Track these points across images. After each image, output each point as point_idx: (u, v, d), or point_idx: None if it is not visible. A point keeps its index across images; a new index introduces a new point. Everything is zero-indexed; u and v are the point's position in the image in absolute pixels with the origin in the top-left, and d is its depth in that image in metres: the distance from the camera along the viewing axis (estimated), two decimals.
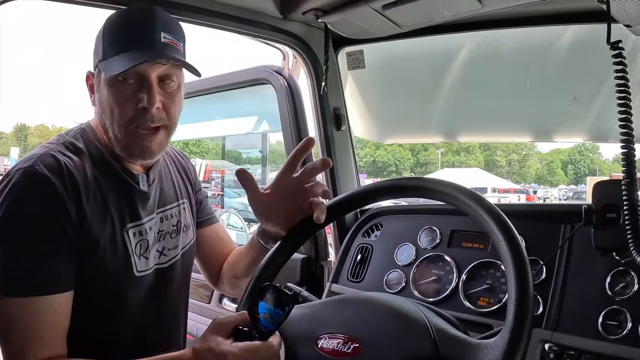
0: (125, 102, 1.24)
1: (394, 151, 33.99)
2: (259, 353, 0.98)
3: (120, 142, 1.27)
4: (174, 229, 1.47)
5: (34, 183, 1.16)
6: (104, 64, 1.23)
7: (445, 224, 1.72)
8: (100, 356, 1.17)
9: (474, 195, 1.04)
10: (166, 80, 1.28)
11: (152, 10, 1.28)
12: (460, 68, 2.05)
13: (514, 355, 0.82)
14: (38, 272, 1.15)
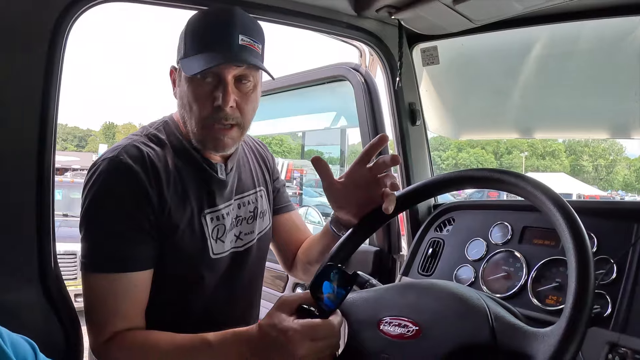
0: (202, 99, 1.32)
1: (476, 154, 33.06)
2: (319, 330, 1.03)
3: (197, 135, 1.35)
4: (251, 215, 1.55)
5: (119, 171, 1.26)
6: (184, 62, 1.31)
7: (517, 220, 1.69)
8: (173, 331, 1.26)
9: (539, 184, 1.04)
10: (242, 81, 1.34)
11: (232, 12, 1.34)
12: (535, 63, 2.01)
13: (569, 344, 0.82)
14: (120, 252, 1.26)
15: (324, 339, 1.04)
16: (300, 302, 1.09)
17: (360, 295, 1.16)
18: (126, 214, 1.26)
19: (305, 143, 9.16)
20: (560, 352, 0.81)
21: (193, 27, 1.35)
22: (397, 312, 1.06)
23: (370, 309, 1.11)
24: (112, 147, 1.34)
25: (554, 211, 0.98)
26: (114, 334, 1.25)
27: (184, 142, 1.40)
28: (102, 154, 1.33)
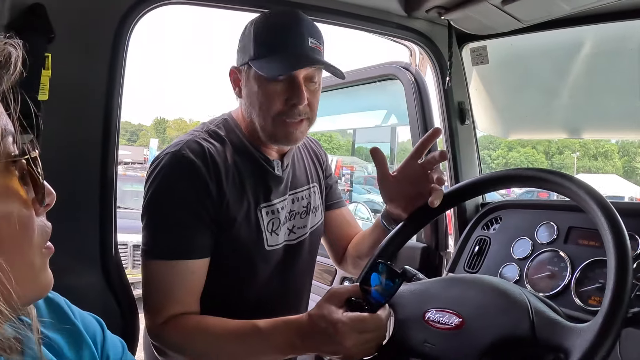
0: (275, 97, 1.38)
1: (527, 154, 32.18)
2: (367, 324, 1.09)
3: (267, 130, 1.42)
4: (304, 209, 1.61)
5: (180, 165, 1.34)
6: (257, 63, 1.37)
7: (563, 220, 1.69)
8: (226, 317, 1.33)
9: (583, 184, 1.07)
10: (311, 80, 1.41)
11: (298, 16, 1.42)
12: (584, 62, 2.01)
13: (604, 339, 0.85)
14: (179, 240, 1.33)
15: (371, 332, 1.10)
16: (349, 295, 1.15)
17: (407, 287, 1.21)
18: (186, 205, 1.33)
19: (355, 140, 9.19)
20: (595, 347, 0.84)
21: (263, 29, 1.41)
22: (442, 305, 1.10)
23: (416, 301, 1.15)
24: (174, 141, 1.42)
25: (596, 210, 1.01)
26: (170, 317, 1.33)
27: (243, 139, 1.47)
28: (165, 149, 1.41)
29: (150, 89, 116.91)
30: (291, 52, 1.37)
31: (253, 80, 1.41)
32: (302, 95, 1.37)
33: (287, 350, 1.21)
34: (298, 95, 1.37)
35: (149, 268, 1.36)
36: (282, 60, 1.36)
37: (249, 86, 1.43)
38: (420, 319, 1.11)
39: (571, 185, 1.09)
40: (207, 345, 1.30)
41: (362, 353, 1.11)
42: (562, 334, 0.93)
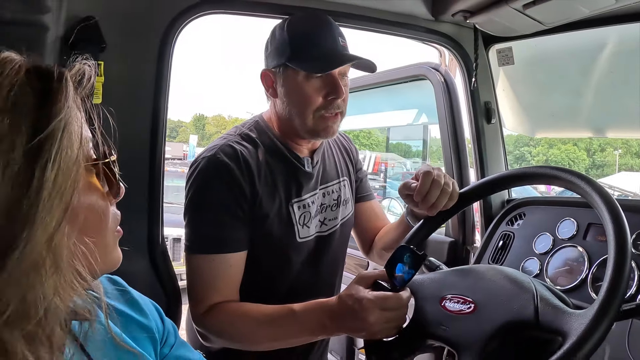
0: (315, 93, 1.49)
1: (567, 151, 31.34)
2: (389, 301, 1.19)
3: (308, 125, 1.52)
4: (335, 202, 1.71)
5: (216, 168, 1.46)
6: (296, 63, 1.48)
7: (583, 217, 1.75)
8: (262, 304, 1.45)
9: (590, 180, 1.16)
10: (344, 76, 1.53)
11: (325, 17, 1.55)
12: (607, 62, 2.06)
13: (598, 324, 0.93)
14: (218, 236, 1.45)
15: (393, 310, 1.20)
16: (376, 278, 1.26)
17: (428, 276, 1.32)
18: (223, 204, 1.45)
19: (389, 137, 9.24)
20: (590, 330, 0.93)
21: (297, 33, 1.52)
22: (458, 291, 1.20)
23: (435, 288, 1.26)
24: (209, 146, 1.54)
25: (600, 204, 1.09)
26: (211, 306, 1.45)
27: (274, 139, 1.58)
28: (201, 153, 1.53)
29: (189, 86, 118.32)
30: (327, 51, 1.49)
31: (291, 80, 1.51)
32: (340, 90, 1.49)
33: (318, 330, 1.32)
34: (336, 90, 1.49)
35: (191, 262, 1.48)
36: (321, 58, 1.47)
37: (286, 86, 1.53)
38: (437, 304, 1.21)
39: (579, 181, 1.18)
40: (246, 329, 1.42)
41: (384, 331, 1.21)
42: (562, 318, 1.01)
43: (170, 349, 0.96)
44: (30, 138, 0.57)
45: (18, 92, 0.59)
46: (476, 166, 2.30)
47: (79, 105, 0.67)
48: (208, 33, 63.98)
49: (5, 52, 0.63)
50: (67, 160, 0.60)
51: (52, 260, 0.59)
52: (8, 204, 0.56)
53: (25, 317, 0.59)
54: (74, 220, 0.63)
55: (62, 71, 0.64)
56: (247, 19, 1.89)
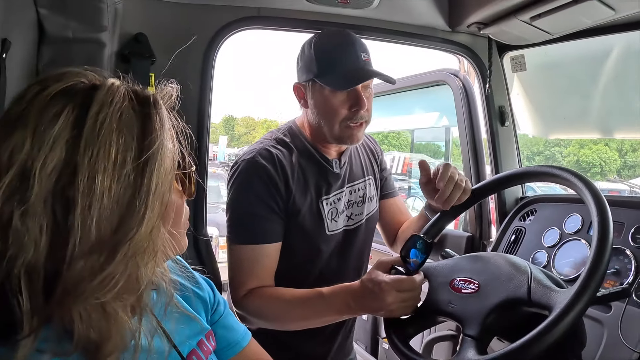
0: (340, 106, 1.66)
1: (599, 151, 30.58)
2: (404, 283, 1.37)
3: (335, 134, 1.69)
4: (360, 199, 1.87)
5: (255, 169, 1.64)
6: (322, 79, 1.65)
7: (588, 213, 1.87)
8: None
9: (579, 175, 1.34)
10: (366, 88, 1.69)
11: (349, 35, 1.71)
12: (613, 67, 2.20)
13: (580, 298, 1.10)
14: (257, 228, 1.63)
15: (407, 291, 1.37)
16: (393, 263, 1.44)
17: (441, 262, 1.51)
18: (261, 200, 1.63)
19: (414, 138, 9.33)
20: (572, 304, 1.10)
21: (322, 51, 1.68)
22: (466, 274, 1.39)
23: (446, 272, 1.44)
24: (248, 149, 1.71)
25: (589, 198, 1.27)
26: (250, 290, 1.62)
27: (306, 142, 1.76)
28: (241, 155, 1.70)
29: (219, 88, 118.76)
30: (350, 68, 1.65)
31: (319, 94, 1.68)
32: (362, 103, 1.65)
33: (344, 310, 1.50)
34: (359, 103, 1.65)
35: (232, 251, 1.66)
36: (344, 75, 1.64)
37: (315, 98, 1.70)
38: (447, 286, 1.39)
39: (572, 178, 1.35)
40: (280, 309, 1.60)
41: (400, 309, 1.39)
42: (550, 296, 1.18)
43: (219, 317, 1.16)
44: (138, 154, 0.76)
45: (126, 117, 0.77)
46: (491, 165, 2.45)
47: (171, 125, 0.85)
48: (236, 38, 66.08)
49: (110, 79, 0.82)
50: (164, 170, 0.80)
51: (152, 247, 0.79)
52: (126, 203, 0.75)
53: (130, 291, 0.79)
54: (166, 216, 0.84)
55: (155, 96, 0.84)
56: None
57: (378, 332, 3.16)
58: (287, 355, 1.48)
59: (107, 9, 1.59)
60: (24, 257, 0.71)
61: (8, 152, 0.73)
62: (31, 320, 0.72)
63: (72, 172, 0.72)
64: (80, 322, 0.73)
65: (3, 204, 0.72)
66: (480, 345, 1.22)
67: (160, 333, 0.94)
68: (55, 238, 0.73)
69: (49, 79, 0.79)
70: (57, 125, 0.73)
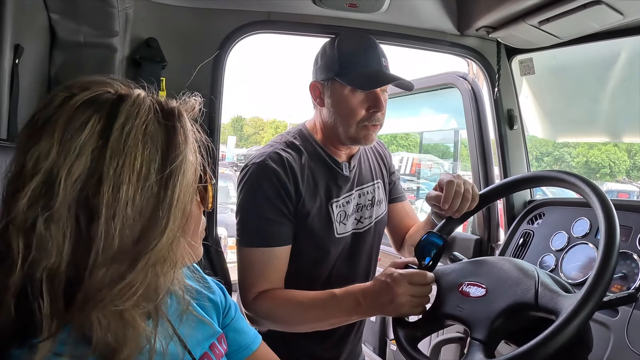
0: (359, 106, 1.68)
1: (608, 152, 30.30)
2: (415, 276, 1.40)
3: (351, 134, 1.70)
4: (369, 202, 1.88)
5: (265, 172, 1.64)
6: (345, 79, 1.66)
7: (595, 216, 1.89)
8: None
9: (586, 180, 1.35)
10: (383, 92, 1.71)
11: (371, 39, 1.74)
12: (621, 70, 2.20)
13: (586, 303, 1.11)
14: (267, 231, 1.64)
15: (418, 285, 1.41)
16: (407, 263, 1.49)
17: (449, 266, 1.53)
18: (271, 203, 1.63)
19: (422, 140, 9.36)
20: (578, 309, 1.10)
21: (346, 51, 1.70)
22: (473, 278, 1.40)
23: (454, 276, 1.46)
24: (258, 153, 1.72)
25: (596, 203, 1.28)
26: (260, 292, 1.63)
27: (316, 146, 1.77)
28: (251, 159, 1.71)
29: (227, 88, 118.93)
30: (372, 70, 1.68)
31: (338, 93, 1.70)
32: (381, 104, 1.67)
33: (354, 309, 1.51)
34: (378, 104, 1.67)
35: (242, 254, 1.67)
36: (366, 76, 1.66)
37: (333, 97, 1.71)
38: (455, 289, 1.41)
39: (579, 182, 1.36)
40: (292, 311, 1.61)
41: (409, 305, 1.41)
42: (557, 300, 1.19)
43: (231, 321, 1.18)
44: (161, 166, 0.78)
45: (152, 129, 0.79)
46: (500, 168, 2.45)
47: (194, 137, 0.87)
48: (245, 40, 66.17)
49: (136, 89, 0.84)
50: (187, 183, 0.82)
51: (172, 257, 0.81)
52: (149, 213, 0.77)
53: (148, 299, 0.81)
54: (186, 227, 0.85)
55: (180, 109, 0.85)
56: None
57: (386, 333, 3.17)
58: (297, 358, 1.49)
59: (118, 14, 1.61)
60: (46, 262, 0.73)
61: (34, 159, 0.75)
62: (50, 323, 0.73)
63: (97, 182, 0.74)
64: (98, 328, 0.75)
65: (27, 209, 0.73)
66: (487, 349, 1.23)
67: (175, 338, 0.95)
68: (77, 245, 0.75)
69: (76, 86, 0.80)
70: (83, 135, 0.75)
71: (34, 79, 1.50)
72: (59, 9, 1.53)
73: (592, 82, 2.39)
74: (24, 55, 1.39)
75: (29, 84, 1.45)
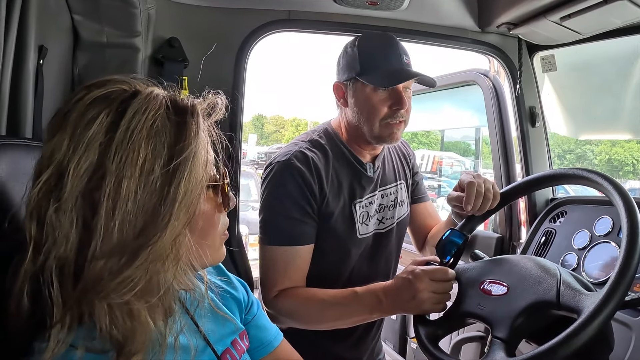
0: (381, 104, 1.67)
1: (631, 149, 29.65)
2: (436, 272, 1.41)
3: (375, 132, 1.70)
4: (392, 203, 1.88)
5: (289, 172, 1.64)
6: (366, 78, 1.67)
7: (618, 215, 1.87)
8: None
9: (608, 178, 1.34)
10: (406, 89, 1.70)
11: (392, 37, 1.74)
12: None
13: (608, 302, 1.10)
14: (290, 230, 1.64)
15: (440, 282, 1.41)
16: (428, 260, 1.50)
17: (471, 264, 1.53)
18: (295, 202, 1.64)
19: (444, 137, 9.32)
20: (600, 308, 1.10)
21: (366, 50, 1.70)
22: (495, 277, 1.40)
23: (475, 274, 1.46)
24: (283, 151, 1.72)
25: (618, 201, 1.27)
26: (282, 290, 1.64)
27: (341, 145, 1.77)
28: (275, 157, 1.72)
29: (249, 86, 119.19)
30: (393, 68, 1.67)
31: (360, 92, 1.70)
32: (403, 101, 1.67)
33: (375, 307, 1.52)
34: (400, 102, 1.66)
35: (265, 252, 1.67)
36: (387, 74, 1.66)
37: (356, 97, 1.71)
38: (477, 287, 1.41)
39: (602, 180, 1.35)
40: (314, 309, 1.62)
41: (430, 302, 1.41)
42: (579, 299, 1.18)
43: (253, 318, 1.19)
44: (167, 162, 0.79)
45: (159, 124, 0.80)
46: (522, 166, 2.44)
47: (207, 133, 0.87)
48: (266, 38, 65.73)
49: (151, 87, 0.85)
50: (194, 180, 0.82)
51: (174, 254, 0.81)
52: (151, 209, 0.77)
53: (149, 293, 0.81)
54: (194, 226, 0.85)
55: (194, 105, 0.86)
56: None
57: (407, 331, 3.17)
58: (317, 355, 1.50)
59: (140, 14, 1.62)
60: (56, 251, 0.76)
61: (49, 151, 0.78)
62: (61, 310, 0.75)
63: (101, 176, 0.76)
64: (105, 320, 0.77)
65: (40, 199, 0.76)
66: (508, 347, 1.23)
67: (198, 333, 0.97)
68: (83, 235, 0.77)
69: (95, 84, 0.82)
70: (92, 129, 0.77)
71: (58, 79, 1.52)
72: (82, 10, 1.55)
73: (614, 78, 2.36)
74: (48, 56, 1.40)
75: (53, 85, 1.47)
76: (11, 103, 1.21)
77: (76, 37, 1.60)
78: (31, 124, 1.30)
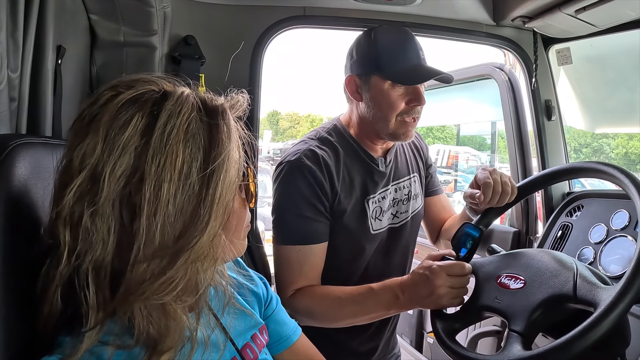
0: (399, 99, 1.66)
1: None
2: (453, 267, 1.42)
3: (390, 128, 1.69)
4: (406, 197, 1.87)
5: (300, 171, 1.64)
6: (386, 73, 1.65)
7: (635, 209, 1.87)
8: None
9: (624, 171, 1.33)
10: (422, 84, 1.69)
11: (409, 32, 1.72)
12: None
13: (624, 296, 1.11)
14: (303, 229, 1.65)
15: (457, 276, 1.42)
16: (444, 255, 1.50)
17: (488, 258, 1.53)
18: (307, 201, 1.64)
19: (459, 131, 9.27)
20: (617, 301, 1.10)
21: (385, 45, 1.68)
22: (512, 270, 1.41)
23: (492, 268, 1.47)
24: (293, 150, 1.71)
25: (634, 193, 1.26)
26: (297, 290, 1.65)
27: (351, 141, 1.76)
28: (285, 156, 1.72)
29: (264, 83, 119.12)
30: (412, 64, 1.66)
31: (377, 87, 1.67)
32: (422, 98, 1.66)
33: (392, 303, 1.53)
34: (419, 98, 1.66)
35: (279, 251, 1.68)
36: (408, 71, 1.65)
37: (372, 91, 1.69)
38: (494, 281, 1.41)
39: (617, 173, 1.35)
40: (330, 307, 1.63)
41: (448, 297, 1.42)
42: (596, 292, 1.18)
43: (272, 312, 1.21)
44: (203, 165, 0.80)
45: (194, 127, 0.80)
46: (538, 160, 2.43)
47: (238, 134, 0.88)
48: (281, 35, 65.23)
49: (180, 87, 0.85)
50: (229, 181, 0.83)
51: (212, 253, 0.83)
52: (190, 212, 0.78)
53: (189, 293, 0.84)
54: (228, 224, 0.87)
55: (224, 107, 0.87)
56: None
57: (423, 326, 3.18)
58: (334, 350, 1.52)
59: (157, 12, 1.64)
60: (92, 255, 0.76)
61: (80, 156, 0.77)
62: (97, 313, 0.77)
63: (139, 179, 0.76)
64: (141, 319, 0.78)
65: (74, 204, 0.77)
66: (525, 340, 1.24)
67: (219, 328, 0.98)
68: (121, 239, 0.77)
69: (121, 85, 0.82)
70: (126, 133, 0.77)
71: (76, 78, 1.54)
72: (98, 10, 1.56)
73: (630, 71, 2.34)
74: (66, 55, 1.42)
75: (72, 84, 1.49)
76: (31, 103, 1.22)
77: (93, 36, 1.61)
78: (51, 122, 1.32)
